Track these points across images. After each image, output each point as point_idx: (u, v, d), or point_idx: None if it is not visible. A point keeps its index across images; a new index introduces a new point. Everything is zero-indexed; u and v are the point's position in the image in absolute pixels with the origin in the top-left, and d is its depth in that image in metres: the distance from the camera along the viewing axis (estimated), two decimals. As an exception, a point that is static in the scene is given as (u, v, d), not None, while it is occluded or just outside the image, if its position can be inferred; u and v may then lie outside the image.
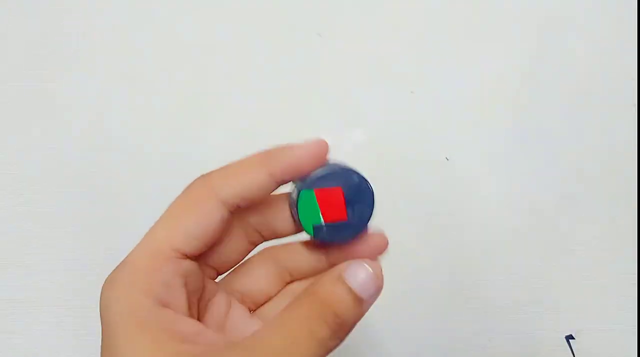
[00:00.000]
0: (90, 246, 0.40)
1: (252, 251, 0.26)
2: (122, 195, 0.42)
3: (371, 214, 0.24)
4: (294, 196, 0.23)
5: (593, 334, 0.40)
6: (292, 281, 0.26)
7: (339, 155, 0.45)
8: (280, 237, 0.25)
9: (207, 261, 0.24)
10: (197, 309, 0.23)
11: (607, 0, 0.47)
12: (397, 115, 0.44)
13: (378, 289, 0.21)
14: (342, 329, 0.20)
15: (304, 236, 0.24)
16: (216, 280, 0.25)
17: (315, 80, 0.45)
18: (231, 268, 0.25)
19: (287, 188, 0.24)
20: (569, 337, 0.40)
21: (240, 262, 0.25)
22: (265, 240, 0.25)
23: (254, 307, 0.25)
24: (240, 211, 0.23)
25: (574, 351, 0.40)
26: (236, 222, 0.24)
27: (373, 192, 0.23)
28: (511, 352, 0.40)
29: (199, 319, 0.23)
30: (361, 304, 0.20)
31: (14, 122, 0.43)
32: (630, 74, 0.45)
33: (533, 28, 0.47)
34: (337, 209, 0.23)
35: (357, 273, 0.21)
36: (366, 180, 0.23)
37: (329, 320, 0.20)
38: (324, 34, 0.46)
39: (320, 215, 0.23)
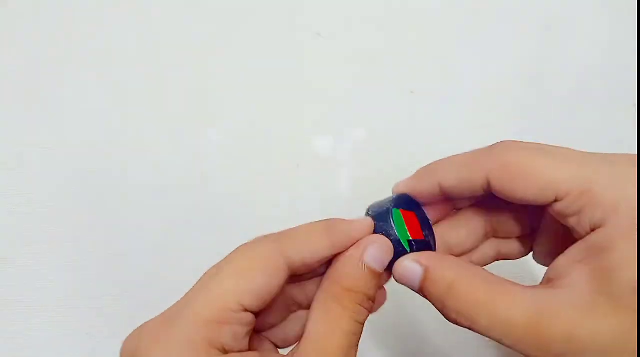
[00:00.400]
0: (90, 245, 0.40)
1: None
2: (122, 195, 0.42)
3: (434, 239, 0.27)
4: (382, 214, 0.26)
5: None
6: None
7: (340, 154, 0.45)
8: None
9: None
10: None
11: (607, 0, 0.47)
12: (397, 115, 0.44)
13: (389, 258, 0.25)
14: (367, 300, 0.24)
15: None
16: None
17: (316, 79, 0.45)
18: (271, 328, 0.27)
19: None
20: None
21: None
22: (302, 309, 0.27)
23: None
24: (294, 279, 0.25)
25: None
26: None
27: (429, 221, 0.27)
28: (511, 352, 0.40)
29: None
30: (377, 276, 0.24)
31: (14, 122, 0.43)
32: (630, 74, 0.45)
33: (533, 28, 0.47)
34: (416, 229, 0.26)
35: (379, 255, 0.24)
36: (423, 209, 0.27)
37: (364, 304, 0.23)
38: (324, 33, 0.46)
39: (408, 231, 0.26)
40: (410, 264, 0.24)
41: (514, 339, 0.21)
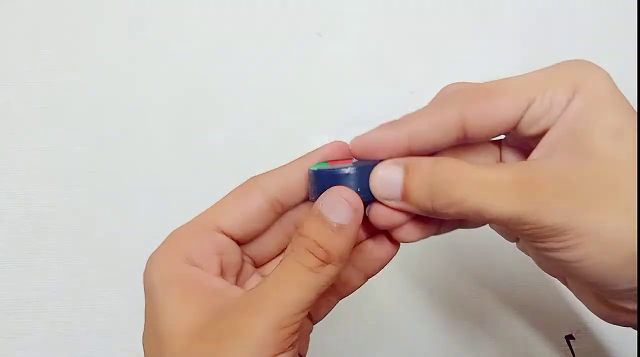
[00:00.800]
0: (92, 246, 0.41)
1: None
2: (127, 196, 0.42)
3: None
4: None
5: (593, 334, 0.40)
6: None
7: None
8: None
9: (248, 251, 0.27)
10: (235, 283, 0.26)
11: (606, 1, 0.47)
12: (397, 115, 0.44)
13: (355, 213, 0.23)
14: (330, 255, 0.22)
15: None
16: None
17: (316, 79, 0.45)
18: (269, 260, 0.28)
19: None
20: (569, 337, 0.40)
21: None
22: None
23: None
24: (282, 209, 0.26)
25: (574, 350, 0.40)
26: (276, 223, 0.27)
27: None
28: (513, 352, 0.40)
29: None
30: (341, 230, 0.22)
31: (18, 124, 0.43)
32: (630, 74, 0.45)
33: (533, 28, 0.47)
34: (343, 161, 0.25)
35: (331, 204, 0.23)
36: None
37: (315, 251, 0.22)
38: (324, 34, 0.46)
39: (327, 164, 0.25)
40: (388, 168, 0.23)
41: (505, 198, 0.21)
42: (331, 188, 0.23)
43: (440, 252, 0.42)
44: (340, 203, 0.23)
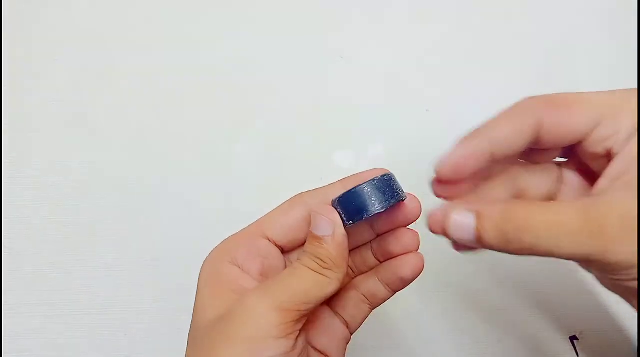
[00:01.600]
0: (130, 252, 0.42)
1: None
2: (160, 206, 0.43)
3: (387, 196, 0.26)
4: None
5: (597, 335, 0.41)
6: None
7: (361, 168, 0.45)
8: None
9: (292, 258, 0.29)
10: None
11: (610, 25, 0.49)
12: (413, 132, 0.45)
13: (334, 225, 0.25)
14: (325, 262, 0.25)
15: None
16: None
17: (338, 98, 0.46)
18: None
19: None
20: (573, 338, 0.41)
21: None
22: None
23: None
24: None
25: (577, 351, 0.40)
26: None
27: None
28: (518, 353, 0.41)
29: None
30: (326, 240, 0.25)
31: (59, 139, 0.44)
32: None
33: (541, 51, 0.48)
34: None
35: (315, 222, 0.26)
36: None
37: (313, 258, 0.25)
38: (346, 56, 0.47)
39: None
40: (461, 213, 0.24)
41: (574, 240, 0.22)
42: (314, 210, 0.26)
43: (450, 258, 0.40)
44: (320, 219, 0.25)
